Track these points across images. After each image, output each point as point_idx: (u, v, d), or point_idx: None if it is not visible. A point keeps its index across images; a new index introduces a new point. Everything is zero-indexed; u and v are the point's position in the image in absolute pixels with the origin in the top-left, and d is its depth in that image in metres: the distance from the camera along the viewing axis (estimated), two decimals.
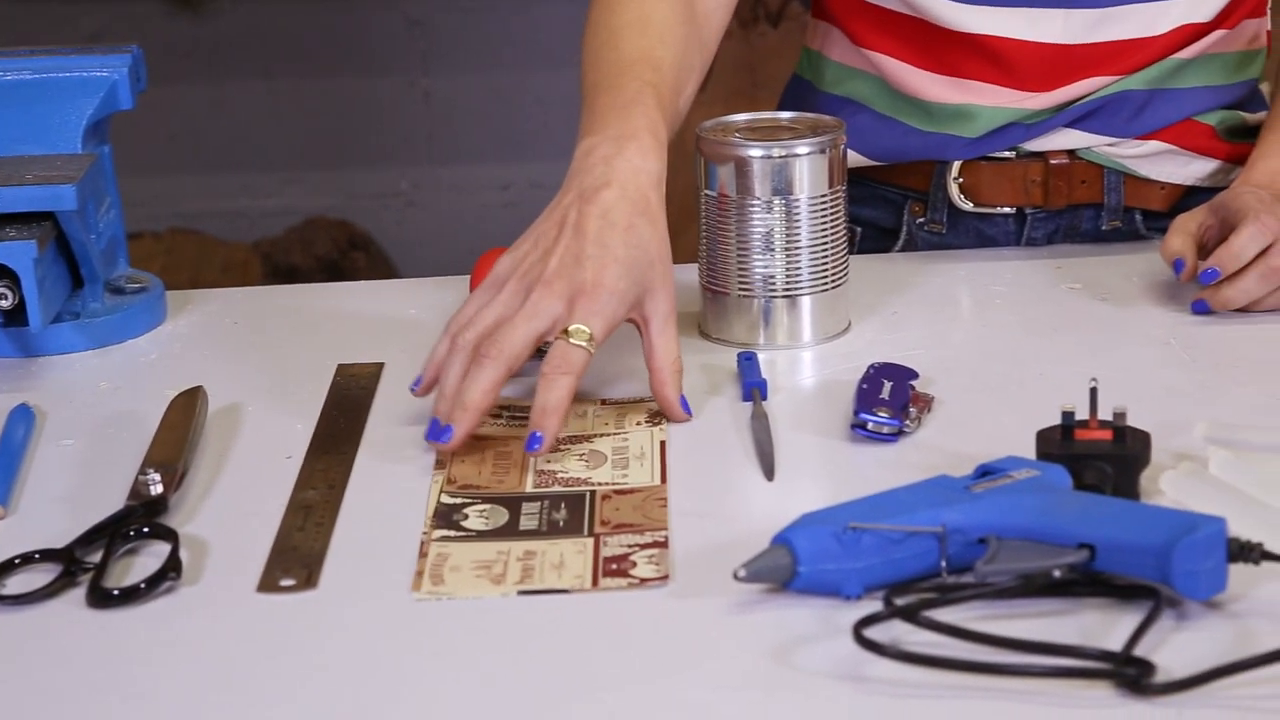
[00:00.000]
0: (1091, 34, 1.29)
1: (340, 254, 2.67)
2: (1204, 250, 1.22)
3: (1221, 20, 1.31)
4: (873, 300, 1.26)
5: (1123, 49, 1.30)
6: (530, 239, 1.10)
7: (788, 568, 0.87)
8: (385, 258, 2.71)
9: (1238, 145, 1.35)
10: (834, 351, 1.18)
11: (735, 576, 0.87)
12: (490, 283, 1.09)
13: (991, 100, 1.31)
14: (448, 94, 2.67)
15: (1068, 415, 0.96)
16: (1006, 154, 1.33)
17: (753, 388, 1.10)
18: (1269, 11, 1.37)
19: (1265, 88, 1.40)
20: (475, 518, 0.96)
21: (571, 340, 1.05)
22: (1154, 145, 1.33)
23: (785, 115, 1.24)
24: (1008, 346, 1.18)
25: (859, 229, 1.40)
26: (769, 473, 1.01)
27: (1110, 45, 1.30)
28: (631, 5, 1.24)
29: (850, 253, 1.40)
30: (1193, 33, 1.31)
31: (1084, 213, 1.35)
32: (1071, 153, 1.33)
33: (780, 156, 1.18)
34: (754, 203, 1.18)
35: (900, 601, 0.84)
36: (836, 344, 1.20)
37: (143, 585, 0.89)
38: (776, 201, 1.18)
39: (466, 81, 2.66)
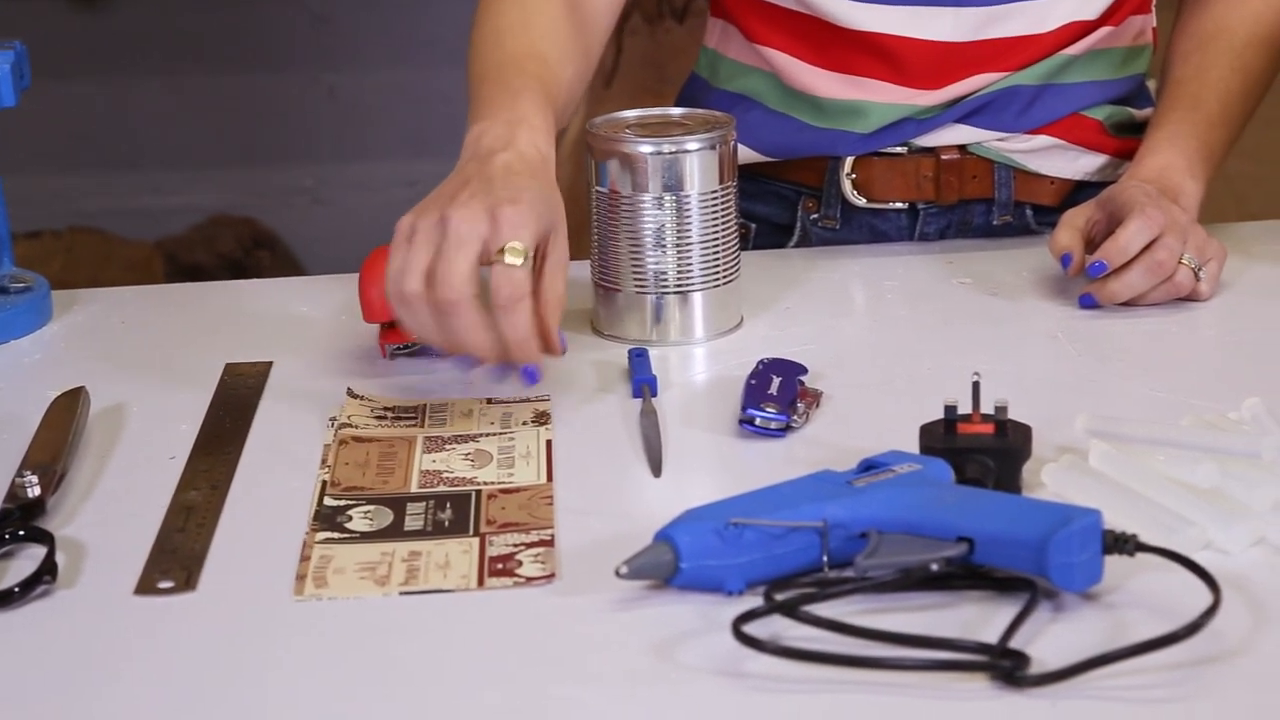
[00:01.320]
0: (981, 32, 1.30)
1: (245, 252, 2.65)
2: (1092, 245, 1.23)
3: (1108, 17, 1.33)
4: (766, 296, 1.27)
5: (1011, 46, 1.31)
6: (430, 197, 1.09)
7: (670, 564, 0.87)
8: (291, 256, 2.69)
9: (1125, 140, 1.36)
10: (726, 347, 1.19)
11: (617, 574, 0.87)
12: (403, 237, 1.07)
13: (883, 97, 1.32)
14: (353, 90, 2.66)
15: (950, 409, 0.97)
16: (898, 150, 1.34)
17: (642, 384, 1.10)
18: (1154, 9, 1.39)
19: (1152, 84, 1.41)
20: (359, 519, 0.96)
21: (508, 260, 1.03)
22: (1043, 140, 1.34)
23: (676, 111, 1.25)
24: (898, 341, 1.19)
25: (754, 225, 1.41)
26: (656, 470, 1.01)
27: (999, 42, 1.31)
28: (514, 6, 1.25)
29: (745, 249, 1.41)
30: (1080, 29, 1.32)
31: (975, 208, 1.36)
32: (962, 148, 1.34)
33: (671, 152, 1.18)
34: (645, 199, 1.18)
35: (780, 597, 0.84)
36: (729, 340, 1.20)
37: (16, 589, 0.88)
38: (667, 197, 1.18)
39: (372, 78, 2.65)
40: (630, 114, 1.24)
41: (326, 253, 2.66)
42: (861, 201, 1.36)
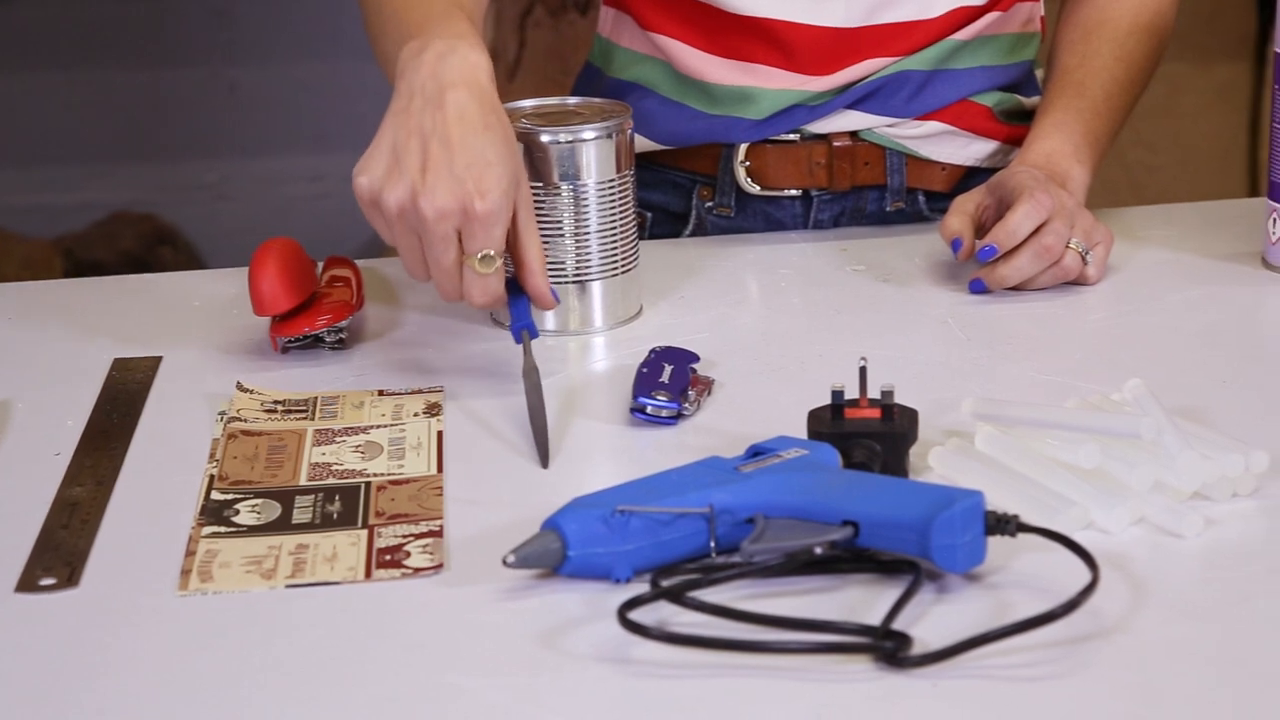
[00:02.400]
0: (871, 17, 1.31)
1: (146, 248, 2.62)
2: (982, 229, 1.25)
3: (995, 2, 1.34)
4: (664, 285, 1.27)
5: (901, 31, 1.32)
6: (386, 151, 1.07)
7: (557, 552, 0.87)
8: (194, 251, 2.67)
9: (1015, 127, 1.38)
10: (625, 336, 1.19)
11: (505, 563, 0.87)
12: (375, 209, 1.08)
13: (774, 83, 1.33)
14: (254, 85, 2.63)
15: (837, 394, 0.98)
16: (791, 137, 1.35)
17: (522, 329, 1.10)
18: None
19: (1039, 73, 1.43)
20: (247, 513, 0.95)
21: (480, 270, 1.06)
22: (933, 126, 1.35)
23: (573, 100, 1.25)
24: (791, 328, 1.20)
25: (649, 214, 1.41)
26: (544, 460, 1.01)
27: (889, 28, 1.32)
28: None
29: (641, 238, 1.41)
30: (968, 15, 1.33)
31: (868, 194, 1.37)
32: (854, 135, 1.35)
33: (567, 141, 1.18)
34: (542, 188, 1.18)
35: (666, 583, 0.85)
36: (628, 328, 1.20)
37: None
38: (565, 187, 1.18)
39: (273, 72, 2.63)
40: (527, 103, 1.24)
41: (230, 248, 2.64)
42: (755, 189, 1.36)
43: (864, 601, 0.85)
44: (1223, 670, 0.79)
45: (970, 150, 1.37)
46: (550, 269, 1.18)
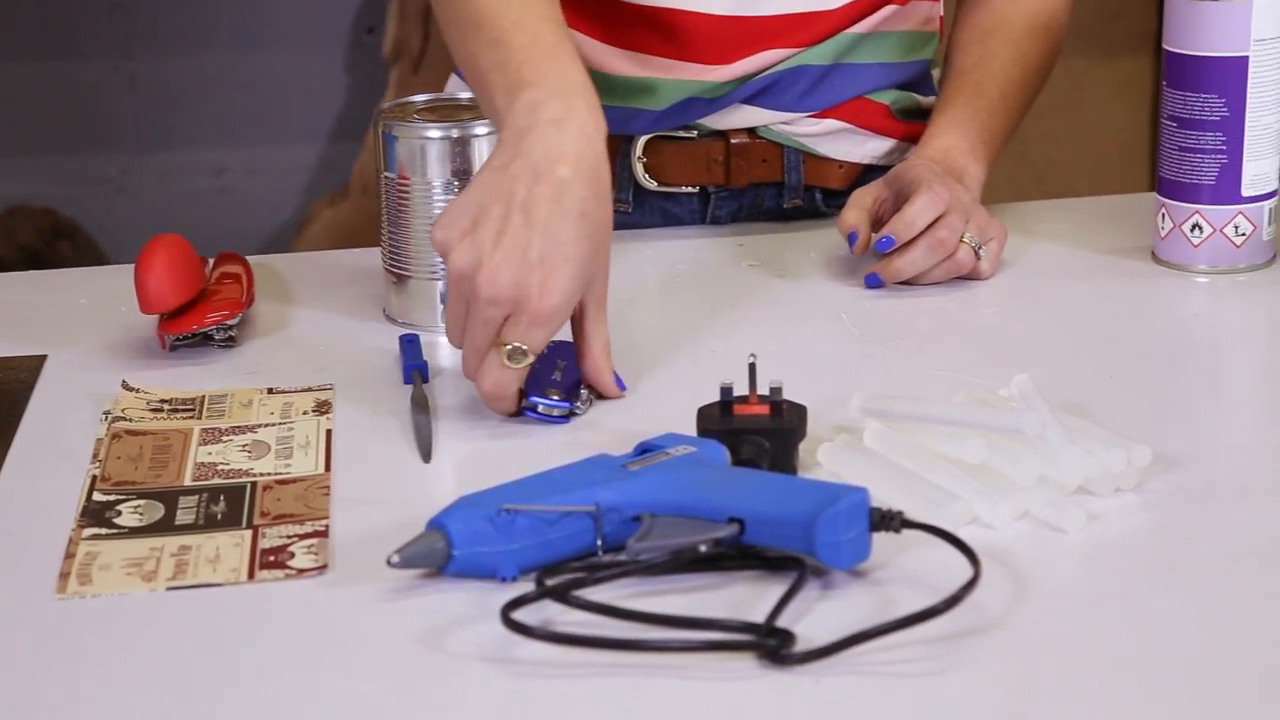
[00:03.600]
0: (763, 6, 1.31)
1: (45, 243, 2.58)
2: (879, 224, 1.25)
3: None
4: None
5: (796, 22, 1.32)
6: (470, 210, 1.02)
7: (442, 552, 0.87)
8: (94, 246, 2.63)
9: (911, 125, 1.38)
10: None
11: (389, 563, 0.86)
12: (440, 253, 1.03)
13: (671, 74, 1.32)
14: (154, 77, 2.60)
15: (726, 391, 0.97)
16: (689, 134, 1.35)
17: (413, 370, 1.09)
18: None
19: (936, 73, 1.43)
20: (129, 514, 0.94)
21: (507, 363, 1.02)
22: (831, 124, 1.35)
23: (465, 95, 1.24)
24: (685, 325, 1.20)
25: None
26: (426, 455, 1.00)
27: (784, 18, 1.32)
28: None
29: None
30: (866, 6, 1.33)
31: (766, 191, 1.37)
32: (752, 131, 1.35)
33: (459, 137, 1.17)
34: (434, 184, 1.17)
35: (551, 582, 0.84)
36: None
37: None
38: (457, 183, 1.17)
39: (173, 65, 2.60)
40: (419, 98, 1.23)
41: (131, 243, 2.60)
42: (653, 185, 1.36)
43: (749, 599, 0.85)
44: (1102, 664, 0.80)
45: (867, 148, 1.37)
46: (443, 266, 1.17)
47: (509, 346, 1.02)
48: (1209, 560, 0.88)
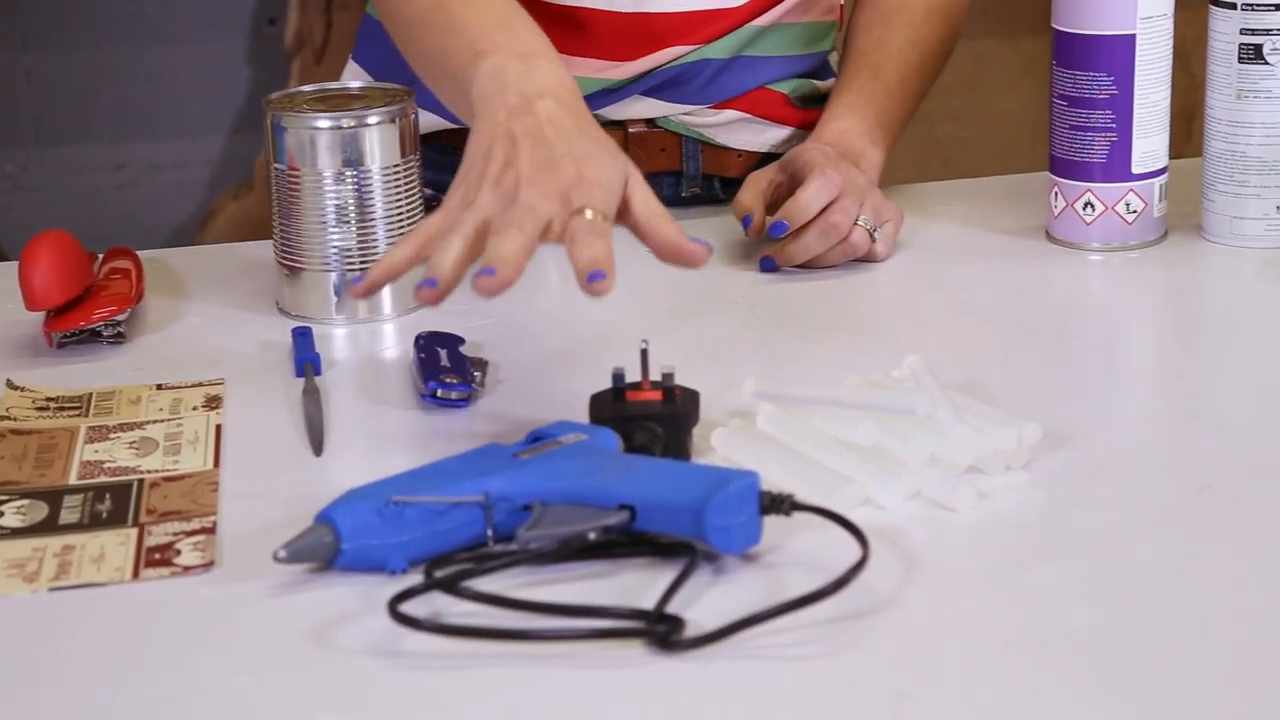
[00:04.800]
0: (668, 3, 1.31)
1: None
2: (775, 207, 1.25)
3: None
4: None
5: (700, 19, 1.32)
6: (477, 161, 0.98)
7: (330, 546, 0.86)
8: None
9: (810, 111, 1.38)
10: (416, 323, 1.17)
11: (275, 558, 0.85)
12: (456, 203, 0.96)
13: (576, 71, 1.32)
14: (52, 71, 2.56)
15: (618, 377, 0.97)
16: None
17: (305, 363, 1.08)
18: None
19: (834, 57, 1.43)
20: (12, 514, 0.92)
21: (588, 214, 0.94)
22: (730, 114, 1.35)
23: (355, 85, 1.23)
24: (581, 313, 1.19)
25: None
26: (317, 448, 0.99)
27: (689, 15, 1.31)
28: None
29: None
30: (768, 0, 1.33)
31: (664, 180, 1.37)
32: (650, 122, 1.34)
33: (350, 127, 1.16)
34: (325, 175, 1.16)
35: (439, 573, 0.84)
36: (419, 315, 1.19)
37: None
38: (348, 173, 1.16)
39: (71, 58, 2.56)
40: (308, 89, 1.22)
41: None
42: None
43: (641, 585, 0.85)
44: (991, 641, 0.80)
45: (766, 137, 1.37)
46: (336, 257, 1.17)
47: (584, 210, 0.95)
48: (1096, 536, 0.88)
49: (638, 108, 1.34)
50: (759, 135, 1.37)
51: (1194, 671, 0.77)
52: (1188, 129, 1.65)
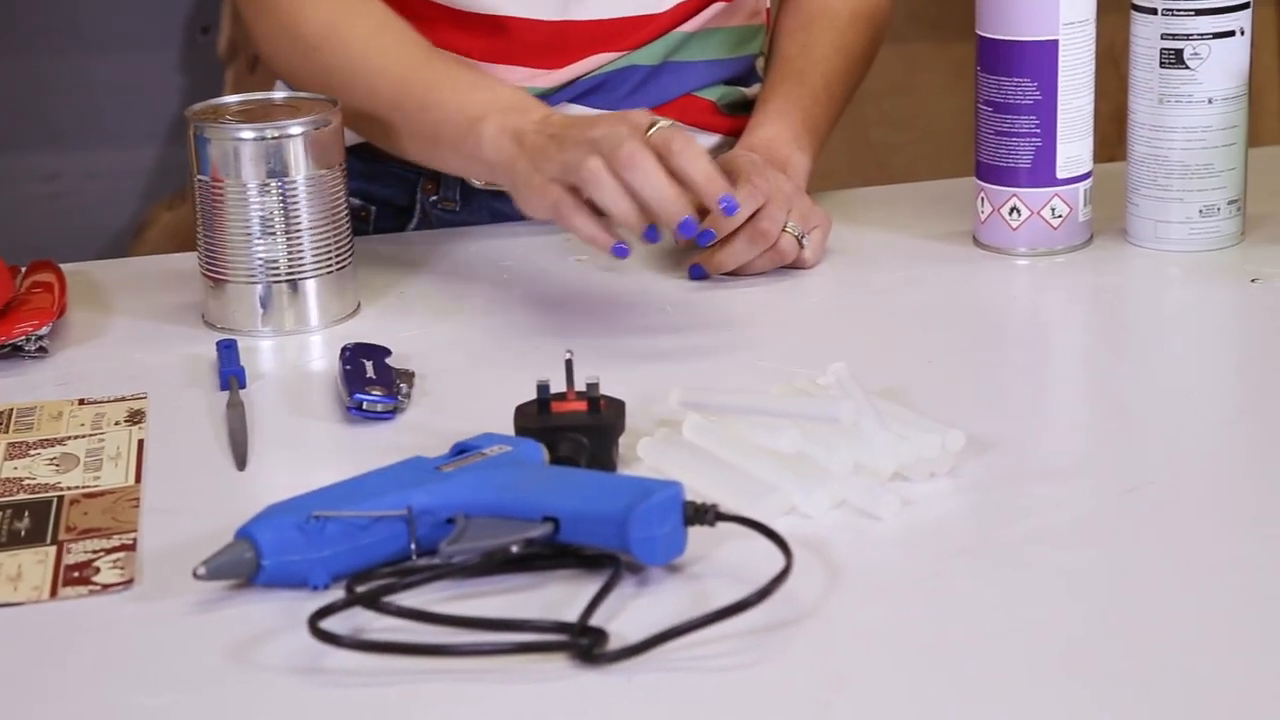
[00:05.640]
0: (590, 10, 1.31)
1: None
2: (704, 214, 1.25)
3: None
4: (384, 281, 1.25)
5: (625, 25, 1.32)
6: (529, 171, 1.13)
7: (251, 562, 0.85)
8: None
9: (737, 119, 1.38)
10: (343, 334, 1.16)
11: (195, 575, 0.84)
12: (555, 175, 1.11)
13: (503, 79, 1.31)
14: None
15: (543, 388, 0.97)
16: None
17: (230, 376, 1.07)
18: None
19: (761, 63, 1.43)
20: None
21: (663, 124, 1.10)
22: None
23: (279, 95, 1.22)
24: (510, 322, 1.19)
25: (374, 207, 1.39)
26: (240, 462, 0.99)
27: (612, 22, 1.31)
28: (315, 9, 1.26)
29: (366, 231, 1.39)
30: (694, 6, 1.33)
31: None
32: None
33: (274, 138, 1.15)
34: (249, 186, 1.15)
35: (361, 589, 0.83)
36: (346, 326, 1.18)
37: None
38: (273, 184, 1.16)
39: (1, 67, 2.54)
40: (231, 100, 1.21)
41: None
42: (479, 183, 1.35)
43: (565, 598, 0.85)
44: (915, 649, 0.80)
45: None
46: (262, 268, 1.16)
47: (654, 125, 1.10)
48: (1019, 541, 0.89)
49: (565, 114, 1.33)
50: None
51: (1118, 675, 0.78)
52: (1121, 131, 1.66)
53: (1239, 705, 0.75)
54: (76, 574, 0.87)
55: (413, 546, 0.87)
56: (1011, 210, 1.23)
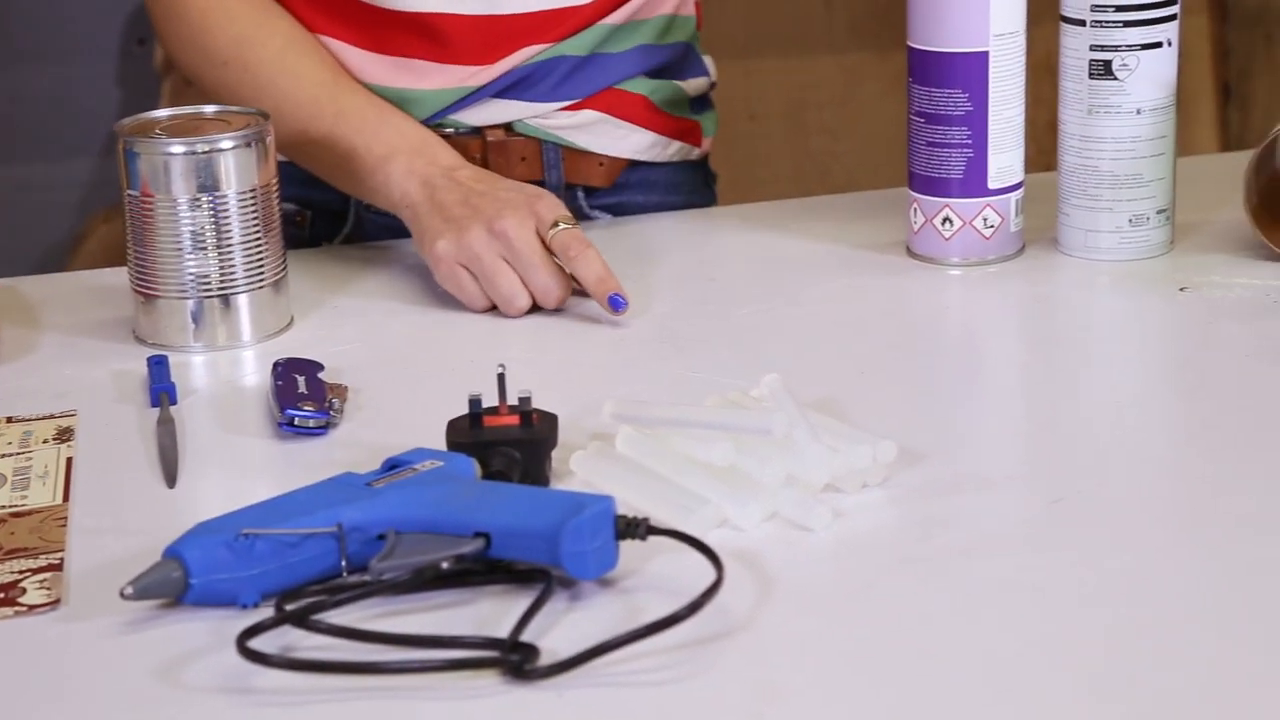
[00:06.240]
0: (516, 4, 1.31)
1: None
2: None
3: None
4: (319, 294, 1.25)
5: (551, 17, 1.32)
6: (439, 222, 1.20)
7: (179, 581, 0.84)
8: None
9: (676, 119, 1.38)
10: (276, 349, 1.16)
11: (123, 595, 0.84)
12: (451, 262, 1.19)
13: (434, 82, 1.31)
14: None
15: (475, 403, 0.96)
16: (445, 131, 1.33)
17: (160, 392, 1.07)
18: None
19: (711, 61, 1.43)
20: None
21: (564, 227, 1.18)
22: (587, 115, 1.35)
23: (209, 109, 1.21)
24: (443, 335, 1.18)
25: (310, 212, 1.38)
26: (170, 480, 0.98)
27: (538, 14, 1.31)
28: (226, 24, 1.29)
29: (301, 237, 1.38)
30: None
31: None
32: (509, 128, 1.34)
33: (204, 152, 1.15)
34: (180, 201, 1.15)
35: (290, 607, 0.82)
36: (279, 341, 1.18)
37: None
38: (204, 199, 1.15)
39: None
40: (161, 113, 1.21)
41: None
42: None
43: (497, 614, 0.84)
44: (847, 660, 0.81)
45: (629, 142, 1.37)
46: (193, 283, 1.15)
47: (556, 221, 1.18)
48: (949, 552, 0.89)
49: (492, 110, 1.33)
50: (621, 140, 1.36)
51: (1048, 686, 0.78)
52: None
53: (1171, 709, 0.76)
54: (2, 595, 0.87)
55: (343, 563, 0.87)
56: (944, 220, 1.24)
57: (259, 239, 1.17)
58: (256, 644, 0.80)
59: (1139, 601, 0.84)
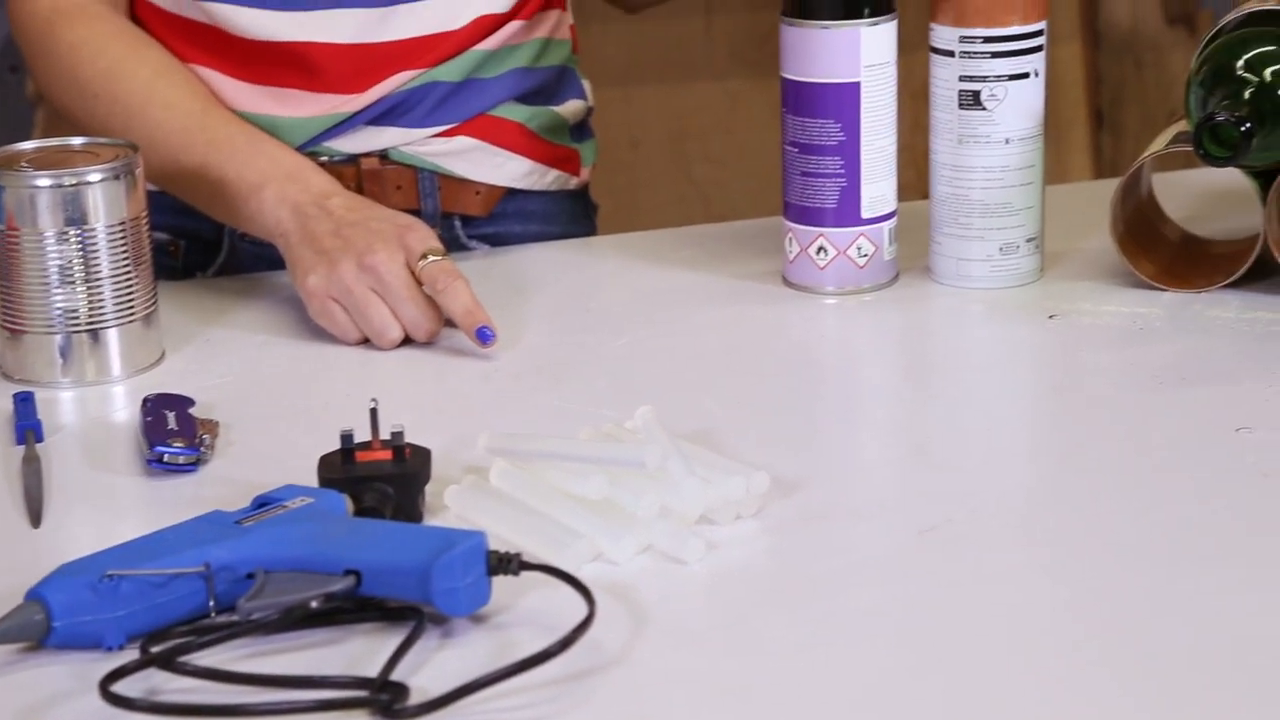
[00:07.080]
0: (389, 31, 1.30)
1: None
2: None
3: (518, 10, 1.34)
4: (190, 328, 1.23)
5: (424, 44, 1.31)
6: (311, 254, 1.19)
7: (41, 624, 0.83)
8: None
9: (552, 146, 1.38)
10: (147, 384, 1.14)
11: None
12: (323, 296, 1.18)
13: (305, 109, 1.30)
14: None
15: (347, 438, 0.96)
16: (320, 159, 1.32)
17: (26, 430, 1.05)
18: (569, 7, 1.41)
19: (588, 85, 1.43)
20: None
21: (434, 260, 1.17)
22: (462, 141, 1.34)
23: (77, 141, 1.20)
24: (317, 370, 1.17)
25: (183, 241, 1.37)
26: (35, 520, 0.96)
27: (411, 41, 1.31)
28: (95, 56, 1.28)
29: (175, 267, 1.37)
30: (492, 24, 1.33)
31: None
32: (384, 156, 1.33)
33: (72, 185, 1.13)
34: (47, 235, 1.13)
35: (156, 649, 0.81)
36: (150, 376, 1.16)
37: None
38: (71, 232, 1.13)
39: None
40: (27, 146, 1.19)
41: None
42: None
43: (368, 652, 0.84)
44: (721, 692, 0.81)
45: (505, 170, 1.36)
46: (61, 318, 1.14)
47: (426, 253, 1.18)
48: (821, 581, 0.89)
49: (366, 138, 1.32)
50: (498, 168, 1.36)
51: (924, 713, 0.78)
52: None
53: None
54: None
55: (211, 604, 0.85)
56: (819, 250, 1.25)
57: (129, 272, 1.15)
58: (120, 688, 0.79)
59: (1009, 629, 0.85)
